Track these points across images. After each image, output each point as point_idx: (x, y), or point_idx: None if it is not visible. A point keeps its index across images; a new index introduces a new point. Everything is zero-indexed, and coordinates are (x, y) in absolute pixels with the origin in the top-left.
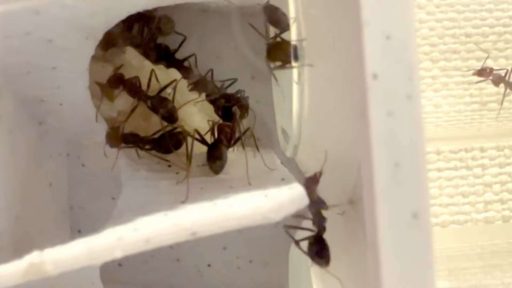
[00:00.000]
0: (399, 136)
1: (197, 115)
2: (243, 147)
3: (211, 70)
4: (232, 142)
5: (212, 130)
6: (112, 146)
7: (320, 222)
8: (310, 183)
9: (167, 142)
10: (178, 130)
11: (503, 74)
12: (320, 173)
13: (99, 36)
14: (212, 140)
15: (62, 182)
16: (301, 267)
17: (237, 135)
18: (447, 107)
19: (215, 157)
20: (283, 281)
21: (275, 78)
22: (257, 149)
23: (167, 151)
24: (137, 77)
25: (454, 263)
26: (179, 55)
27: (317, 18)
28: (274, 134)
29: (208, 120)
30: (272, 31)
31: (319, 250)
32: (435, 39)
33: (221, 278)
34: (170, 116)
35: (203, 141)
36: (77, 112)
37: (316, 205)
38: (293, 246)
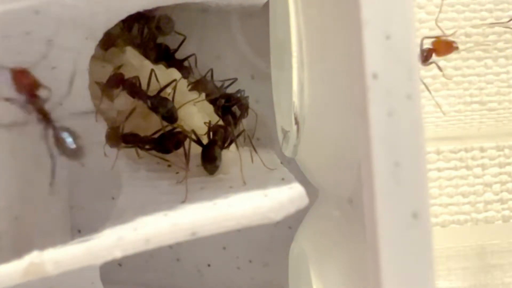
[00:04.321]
0: (399, 136)
1: (197, 115)
2: (237, 146)
3: (211, 70)
4: (227, 143)
5: (208, 131)
6: (112, 146)
7: None
8: None
9: (167, 142)
10: (178, 130)
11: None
12: None
13: (99, 36)
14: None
15: (62, 182)
16: (301, 267)
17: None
18: (447, 107)
19: (208, 159)
20: (283, 281)
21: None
22: (254, 149)
23: (167, 151)
24: (137, 77)
25: (454, 263)
26: (179, 55)
27: (317, 18)
28: (274, 134)
29: (205, 122)
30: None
31: None
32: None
33: (221, 278)
34: (170, 116)
35: (199, 142)
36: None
37: None
38: (293, 246)
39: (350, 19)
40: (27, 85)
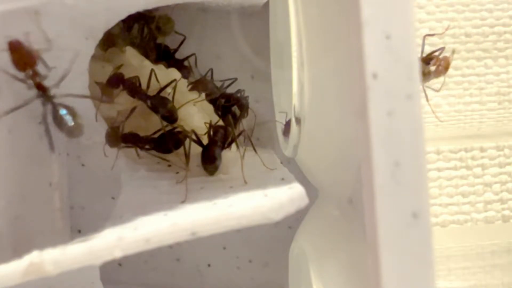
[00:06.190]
0: (399, 136)
1: (197, 115)
2: (237, 146)
3: (211, 70)
4: (227, 143)
5: (208, 131)
6: (112, 146)
7: None
8: None
9: (167, 142)
10: (178, 130)
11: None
12: None
13: (99, 36)
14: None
15: (62, 182)
16: (301, 267)
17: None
18: (447, 107)
19: (208, 159)
20: (283, 281)
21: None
22: (254, 149)
23: (167, 151)
24: (137, 77)
25: (454, 263)
26: (179, 55)
27: (317, 18)
28: (274, 134)
29: (205, 123)
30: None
31: None
32: (435, 39)
33: (221, 278)
34: (170, 116)
35: (199, 142)
36: None
37: None
38: (293, 246)
39: (350, 19)
40: (23, 56)
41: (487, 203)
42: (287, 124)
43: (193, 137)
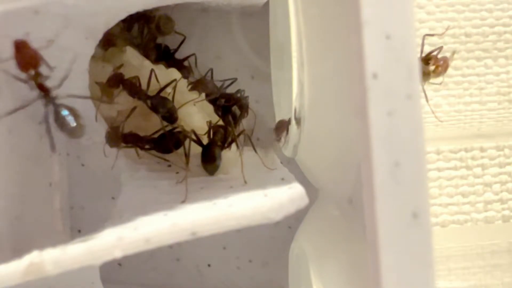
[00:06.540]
0: (399, 136)
1: (197, 115)
2: (238, 146)
3: (211, 70)
4: (227, 143)
5: (208, 131)
6: (112, 146)
7: None
8: None
9: (167, 142)
10: (178, 130)
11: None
12: None
13: (99, 36)
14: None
15: (62, 182)
16: (301, 267)
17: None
18: (447, 107)
19: (208, 159)
20: (283, 281)
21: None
22: (254, 149)
23: (167, 151)
24: (137, 77)
25: (454, 263)
26: (179, 55)
27: (317, 18)
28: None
29: (207, 122)
30: None
31: None
32: (435, 39)
33: (220, 278)
34: (170, 116)
35: (199, 142)
36: None
37: None
38: (293, 246)
39: (350, 19)
40: (27, 57)
41: (487, 203)
42: (278, 129)
43: (193, 137)
